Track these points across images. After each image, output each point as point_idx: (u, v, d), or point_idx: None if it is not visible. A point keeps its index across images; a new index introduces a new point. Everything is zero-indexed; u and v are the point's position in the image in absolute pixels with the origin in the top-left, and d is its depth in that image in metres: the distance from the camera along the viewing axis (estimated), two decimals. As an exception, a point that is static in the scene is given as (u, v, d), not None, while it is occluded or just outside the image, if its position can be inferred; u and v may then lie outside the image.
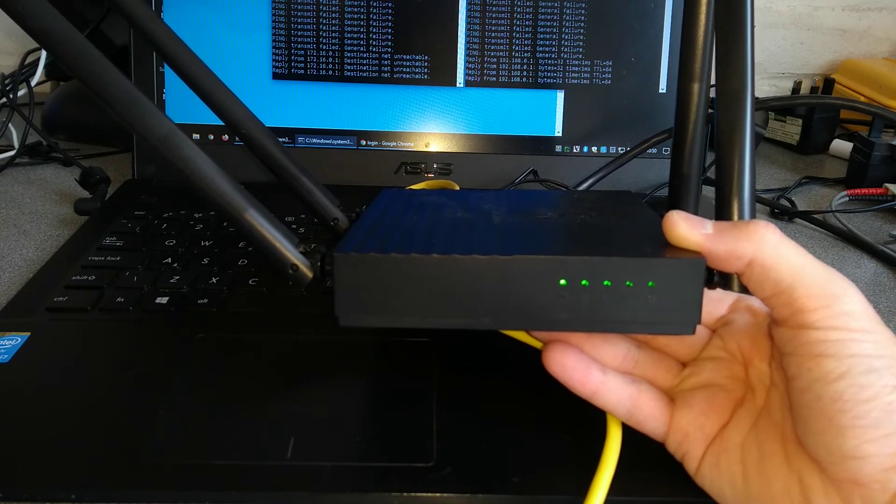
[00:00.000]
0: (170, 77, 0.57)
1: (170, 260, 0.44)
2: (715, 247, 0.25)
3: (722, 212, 0.32)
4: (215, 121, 0.39)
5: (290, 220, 0.50)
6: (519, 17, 0.56)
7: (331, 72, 0.57)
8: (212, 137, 0.57)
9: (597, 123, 0.58)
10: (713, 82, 0.35)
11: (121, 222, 0.49)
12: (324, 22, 0.56)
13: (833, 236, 0.55)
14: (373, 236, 0.27)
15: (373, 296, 0.26)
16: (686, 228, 0.25)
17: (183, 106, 0.57)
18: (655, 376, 0.29)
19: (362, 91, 0.57)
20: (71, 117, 0.69)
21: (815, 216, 0.57)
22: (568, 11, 0.56)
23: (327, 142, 0.58)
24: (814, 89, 0.79)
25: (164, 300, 0.39)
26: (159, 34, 0.37)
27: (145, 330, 0.37)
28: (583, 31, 0.57)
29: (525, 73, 0.57)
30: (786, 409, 0.25)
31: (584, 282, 0.25)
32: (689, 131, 0.40)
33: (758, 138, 0.76)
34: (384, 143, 0.58)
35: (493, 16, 0.56)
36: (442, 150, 0.58)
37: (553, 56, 0.57)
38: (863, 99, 0.78)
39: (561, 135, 0.58)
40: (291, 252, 0.29)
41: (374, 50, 0.57)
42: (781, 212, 0.58)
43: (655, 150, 0.58)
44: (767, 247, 0.24)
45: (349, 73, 0.57)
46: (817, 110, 0.72)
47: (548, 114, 0.58)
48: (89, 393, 0.32)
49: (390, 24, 0.56)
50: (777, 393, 0.26)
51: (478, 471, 0.28)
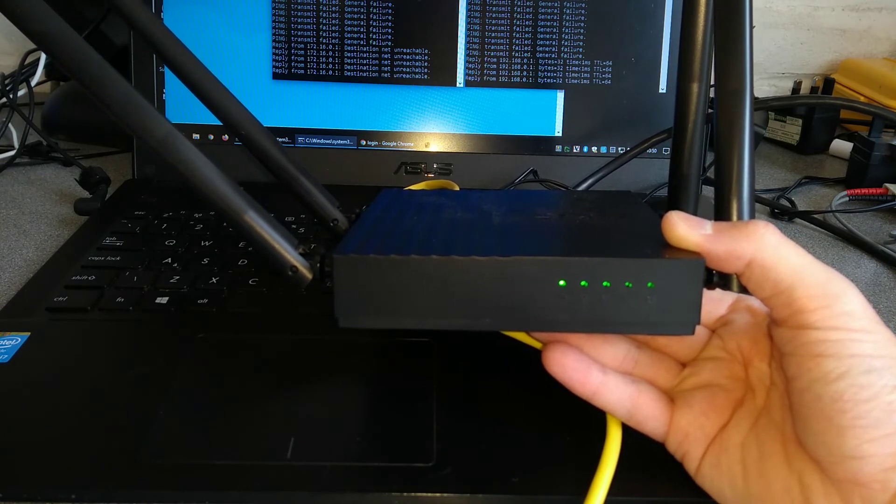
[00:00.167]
0: (170, 77, 0.57)
1: (170, 260, 0.44)
2: (714, 247, 0.25)
3: (721, 212, 0.32)
4: (215, 121, 0.39)
5: (290, 221, 0.50)
6: (519, 16, 0.56)
7: (331, 72, 0.57)
8: (212, 137, 0.57)
9: (597, 123, 0.58)
10: (713, 82, 0.35)
11: (121, 222, 0.49)
12: (324, 22, 0.56)
13: (833, 236, 0.55)
14: (372, 237, 0.27)
15: (372, 297, 0.26)
16: (685, 229, 0.25)
17: (183, 106, 0.57)
18: (655, 376, 0.29)
19: (362, 91, 0.57)
20: (71, 117, 0.69)
21: (815, 216, 0.57)
22: (568, 11, 0.56)
23: (327, 142, 0.58)
24: (814, 89, 0.79)
25: (164, 300, 0.39)
26: (158, 36, 0.37)
27: (145, 330, 0.37)
28: (583, 31, 0.57)
29: (525, 73, 0.57)
30: (786, 409, 0.25)
31: (584, 283, 0.25)
32: (688, 131, 0.40)
33: (758, 138, 0.76)
34: (384, 143, 0.58)
35: (493, 16, 0.56)
36: (442, 150, 0.58)
37: (553, 56, 0.57)
38: (863, 99, 0.78)
39: (561, 135, 0.58)
40: (291, 253, 0.29)
41: (374, 50, 0.57)
42: (781, 212, 0.58)
43: (655, 150, 0.58)
44: (767, 247, 0.24)
45: (349, 73, 0.57)
46: (817, 110, 0.72)
47: (548, 114, 0.58)
48: (89, 393, 0.32)
49: (390, 23, 0.56)
50: (777, 393, 0.26)
51: (478, 471, 0.28)
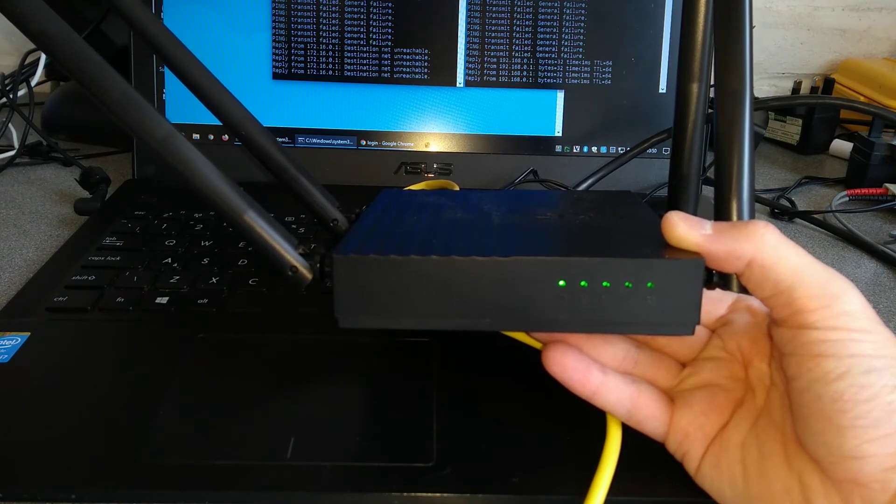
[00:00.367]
0: (170, 77, 0.57)
1: (170, 260, 0.44)
2: (714, 247, 0.25)
3: (721, 212, 0.32)
4: (215, 121, 0.39)
5: (290, 221, 0.50)
6: (519, 16, 0.56)
7: (331, 72, 0.57)
8: (212, 137, 0.57)
9: (597, 123, 0.58)
10: (713, 82, 0.35)
11: (121, 222, 0.49)
12: (324, 22, 0.56)
13: (833, 236, 0.55)
14: (372, 237, 0.27)
15: (372, 297, 0.26)
16: (685, 229, 0.25)
17: (183, 106, 0.57)
18: (655, 376, 0.29)
19: (362, 91, 0.57)
20: (71, 117, 0.69)
21: (815, 216, 0.57)
22: (568, 11, 0.56)
23: (327, 142, 0.58)
24: (814, 89, 0.79)
25: (164, 300, 0.39)
26: (158, 36, 0.37)
27: (145, 330, 0.37)
28: (583, 31, 0.57)
29: (525, 73, 0.57)
30: (786, 409, 0.25)
31: (583, 283, 0.25)
32: (688, 131, 0.40)
33: (758, 138, 0.76)
34: (384, 143, 0.58)
35: (493, 16, 0.56)
36: (442, 150, 0.58)
37: (553, 56, 0.57)
38: (863, 99, 0.78)
39: (561, 135, 0.58)
40: (291, 254, 0.29)
41: (374, 50, 0.57)
42: (781, 212, 0.58)
43: (655, 150, 0.58)
44: (767, 247, 0.24)
45: (349, 73, 0.57)
46: (817, 110, 0.72)
47: (548, 114, 0.58)
48: (89, 393, 0.32)
49: (390, 23, 0.56)
50: (777, 393, 0.26)
51: (478, 471, 0.28)
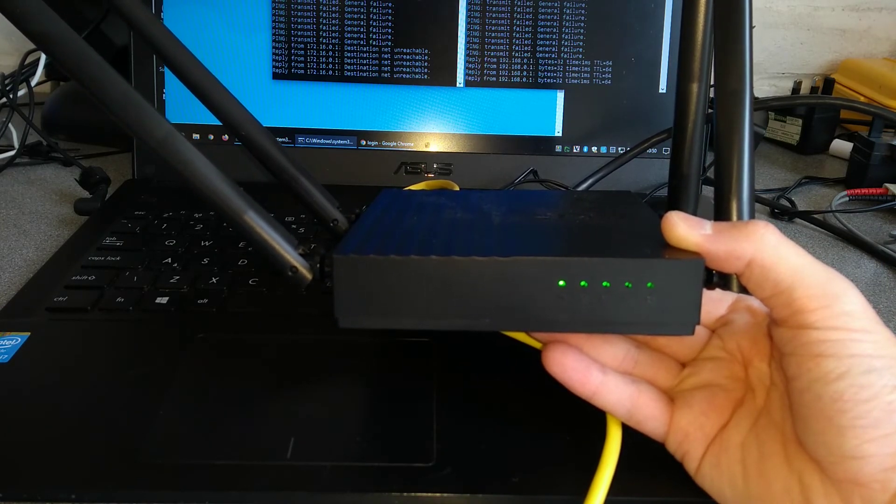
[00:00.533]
0: (170, 77, 0.57)
1: (170, 260, 0.44)
2: (714, 247, 0.25)
3: (721, 212, 0.32)
4: (215, 121, 0.39)
5: (290, 221, 0.50)
6: (519, 17, 0.56)
7: (331, 72, 0.57)
8: (212, 137, 0.57)
9: (597, 123, 0.58)
10: (713, 82, 0.35)
11: (121, 222, 0.49)
12: (324, 22, 0.56)
13: (833, 236, 0.55)
14: (372, 237, 0.27)
15: (372, 297, 0.26)
16: (685, 229, 0.25)
17: (183, 106, 0.57)
18: (655, 376, 0.29)
19: (362, 91, 0.57)
20: (71, 117, 0.69)
21: (815, 216, 0.57)
22: (568, 11, 0.56)
23: (327, 142, 0.58)
24: (814, 89, 0.79)
25: (164, 300, 0.39)
26: (158, 36, 0.37)
27: (145, 330, 0.37)
28: (583, 31, 0.57)
29: (525, 73, 0.57)
30: (786, 409, 0.25)
31: (583, 283, 0.25)
32: (688, 131, 0.40)
33: (758, 138, 0.76)
34: (384, 143, 0.58)
35: (493, 16, 0.56)
36: (442, 150, 0.58)
37: (553, 56, 0.57)
38: (863, 99, 0.78)
39: (561, 135, 0.58)
40: (291, 254, 0.29)
41: (374, 50, 0.57)
42: (781, 212, 0.58)
43: (655, 150, 0.58)
44: (767, 247, 0.24)
45: (349, 73, 0.57)
46: (817, 110, 0.72)
47: (548, 114, 0.58)
48: (89, 393, 0.32)
49: (390, 23, 0.56)
50: (777, 393, 0.26)
51: (478, 471, 0.28)
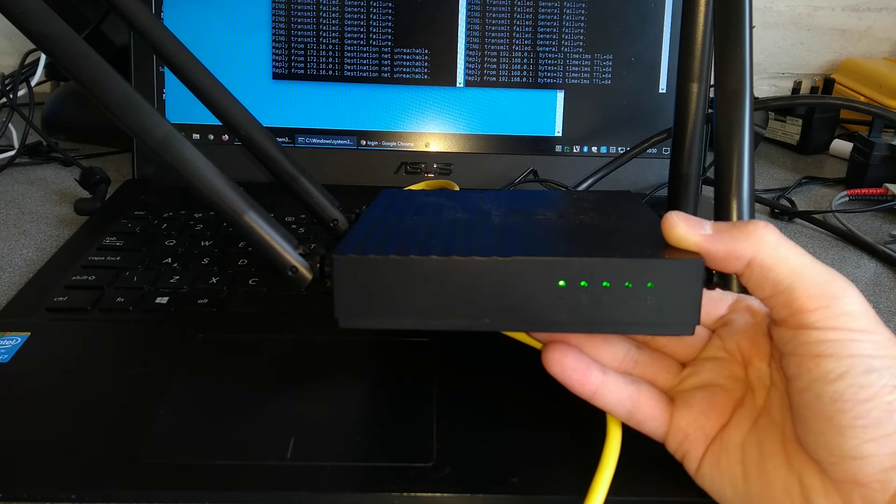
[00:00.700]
0: (170, 77, 0.57)
1: (170, 260, 0.44)
2: (714, 247, 0.25)
3: (721, 212, 0.32)
4: (215, 121, 0.39)
5: (290, 221, 0.50)
6: (519, 16, 0.56)
7: (331, 72, 0.57)
8: (212, 137, 0.57)
9: (597, 123, 0.58)
10: (713, 82, 0.35)
11: (121, 222, 0.49)
12: (324, 22, 0.56)
13: (833, 236, 0.55)
14: (372, 237, 0.27)
15: (372, 297, 0.26)
16: (685, 229, 0.25)
17: (183, 106, 0.57)
18: (655, 376, 0.29)
19: (362, 91, 0.57)
20: (71, 117, 0.69)
21: (815, 216, 0.57)
22: (568, 11, 0.56)
23: (327, 142, 0.58)
24: (814, 89, 0.79)
25: (164, 300, 0.39)
26: (158, 36, 0.37)
27: (145, 330, 0.37)
28: (583, 31, 0.57)
29: (525, 73, 0.57)
30: (786, 409, 0.25)
31: (583, 283, 0.25)
32: (688, 131, 0.40)
33: (758, 138, 0.76)
34: (384, 143, 0.58)
35: (494, 16, 0.56)
36: (442, 150, 0.58)
37: (553, 56, 0.57)
38: (863, 99, 0.78)
39: (561, 135, 0.58)
40: (291, 254, 0.29)
41: (374, 50, 0.57)
42: (781, 212, 0.58)
43: (655, 150, 0.58)
44: (767, 247, 0.24)
45: (349, 73, 0.57)
46: (817, 110, 0.72)
47: (548, 114, 0.58)
48: (89, 393, 0.32)
49: (390, 23, 0.56)
50: (777, 393, 0.26)
51: (478, 471, 0.28)
